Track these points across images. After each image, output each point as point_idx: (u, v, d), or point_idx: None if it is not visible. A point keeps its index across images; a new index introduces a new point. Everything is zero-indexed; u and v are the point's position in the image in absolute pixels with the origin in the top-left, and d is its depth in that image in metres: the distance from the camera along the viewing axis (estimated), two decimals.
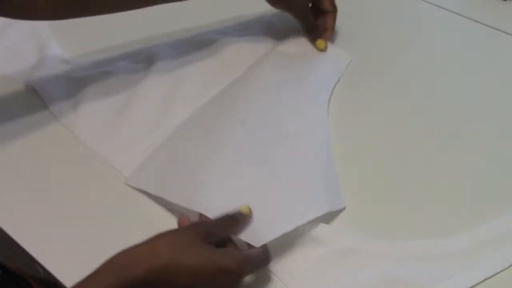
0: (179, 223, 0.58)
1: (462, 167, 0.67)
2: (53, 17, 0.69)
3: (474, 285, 0.56)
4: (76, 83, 0.76)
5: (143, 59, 0.79)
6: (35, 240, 0.61)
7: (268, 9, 0.86)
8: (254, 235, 0.58)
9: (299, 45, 0.81)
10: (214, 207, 0.58)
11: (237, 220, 0.56)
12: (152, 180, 0.65)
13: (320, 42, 0.79)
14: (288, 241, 0.58)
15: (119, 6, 0.70)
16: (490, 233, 0.59)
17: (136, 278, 0.48)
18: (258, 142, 0.68)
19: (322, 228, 0.60)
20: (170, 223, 0.60)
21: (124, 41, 0.74)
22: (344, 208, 0.62)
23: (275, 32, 0.84)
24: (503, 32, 0.84)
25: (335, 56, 0.80)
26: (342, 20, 0.87)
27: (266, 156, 0.66)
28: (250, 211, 0.58)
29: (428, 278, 0.56)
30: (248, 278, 0.56)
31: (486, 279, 0.56)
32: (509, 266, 0.57)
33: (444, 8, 0.89)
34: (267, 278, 0.57)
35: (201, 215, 0.59)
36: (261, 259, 0.55)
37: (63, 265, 0.59)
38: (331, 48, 0.81)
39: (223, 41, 0.82)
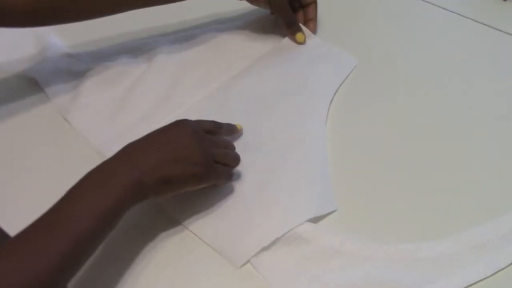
0: None
1: (454, 171, 0.66)
2: (30, 24, 0.69)
3: None
4: (77, 75, 0.76)
5: (144, 54, 0.79)
6: None
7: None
8: (247, 241, 0.58)
9: (302, 45, 0.81)
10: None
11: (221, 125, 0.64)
12: None
13: (300, 35, 0.81)
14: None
15: (95, 12, 0.70)
16: (476, 239, 0.59)
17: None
18: (253, 143, 0.68)
19: (307, 227, 0.59)
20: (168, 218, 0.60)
21: (125, 35, 0.74)
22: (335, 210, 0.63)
23: (277, 30, 0.84)
24: (503, 32, 0.84)
25: (340, 59, 0.80)
26: (342, 21, 0.87)
27: (260, 156, 0.66)
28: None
29: (410, 282, 0.56)
30: (230, 275, 0.57)
31: (469, 285, 0.56)
32: (493, 274, 0.57)
33: (444, 8, 0.89)
34: (249, 275, 0.57)
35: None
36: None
37: None
38: (337, 51, 0.81)
39: (224, 37, 0.82)
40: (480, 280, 0.56)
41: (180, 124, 0.59)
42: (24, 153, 0.69)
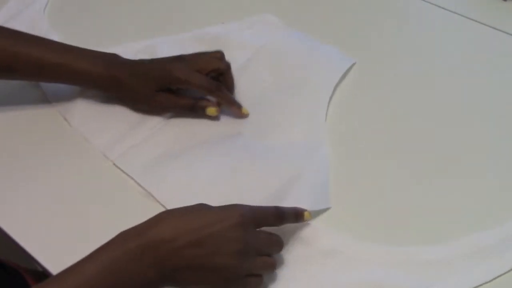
0: None
1: (456, 174, 0.66)
2: None
3: None
4: None
5: (144, 54, 0.79)
6: (31, 237, 0.61)
7: (270, 9, 0.86)
8: None
9: (301, 44, 0.81)
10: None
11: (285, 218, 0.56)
12: (138, 165, 0.66)
13: (245, 109, 0.71)
14: None
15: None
16: (477, 244, 0.59)
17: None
18: (251, 140, 0.69)
19: (306, 227, 0.59)
20: None
21: (126, 36, 0.74)
22: (329, 208, 0.62)
23: (276, 30, 0.84)
24: (503, 32, 0.84)
25: (336, 57, 0.80)
26: (342, 21, 0.87)
27: (259, 153, 0.67)
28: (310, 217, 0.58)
29: (409, 285, 0.56)
30: None
31: None
32: (493, 279, 0.56)
33: (444, 8, 0.89)
34: None
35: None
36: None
37: (58, 260, 0.58)
38: (334, 49, 0.81)
39: (224, 37, 0.82)
40: (480, 285, 0.56)
41: (238, 238, 0.51)
42: (24, 153, 0.69)
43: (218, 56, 0.71)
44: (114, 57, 0.70)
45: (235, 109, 0.70)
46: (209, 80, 0.69)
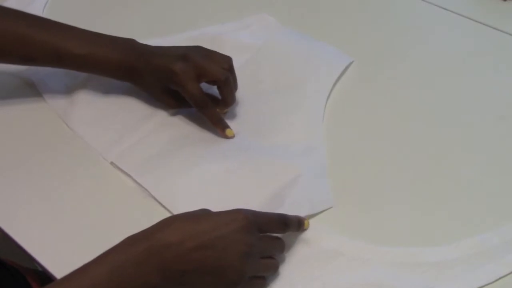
0: None
1: (458, 174, 0.66)
2: None
3: None
4: (75, 76, 0.76)
5: None
6: (31, 237, 0.61)
7: (267, 9, 0.86)
8: None
9: (298, 44, 0.81)
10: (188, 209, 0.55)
11: (288, 226, 0.56)
12: (137, 164, 0.66)
13: (229, 131, 0.70)
14: None
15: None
16: (478, 246, 0.59)
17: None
18: (249, 140, 0.69)
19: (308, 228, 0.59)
20: None
21: (123, 36, 0.74)
22: (331, 208, 0.62)
23: (273, 30, 0.84)
24: (503, 32, 0.84)
25: (334, 56, 0.80)
26: (343, 21, 0.87)
27: (257, 153, 0.66)
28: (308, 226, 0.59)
29: (409, 286, 0.56)
30: None
31: None
32: (495, 281, 0.56)
33: (444, 8, 0.89)
34: None
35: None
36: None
37: (58, 260, 0.58)
38: (331, 48, 0.81)
39: (222, 37, 0.82)
40: (482, 287, 0.56)
41: (244, 241, 0.51)
42: (23, 154, 0.69)
43: (224, 66, 0.69)
44: (132, 45, 0.71)
45: (219, 130, 0.69)
46: (201, 95, 0.67)
